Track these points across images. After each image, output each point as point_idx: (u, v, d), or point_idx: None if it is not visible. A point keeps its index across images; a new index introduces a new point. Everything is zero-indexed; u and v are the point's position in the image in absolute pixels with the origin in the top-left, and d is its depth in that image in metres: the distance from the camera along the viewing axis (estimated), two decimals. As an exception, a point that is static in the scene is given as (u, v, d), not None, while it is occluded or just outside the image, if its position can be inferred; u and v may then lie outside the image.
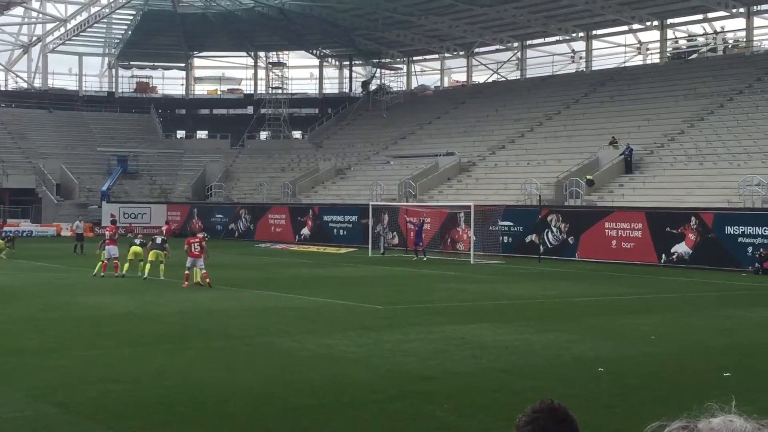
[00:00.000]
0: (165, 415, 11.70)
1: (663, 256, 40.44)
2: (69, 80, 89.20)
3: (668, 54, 67.67)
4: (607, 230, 42.85)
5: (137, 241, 33.64)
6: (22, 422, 11.29)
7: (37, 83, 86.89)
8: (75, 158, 74.77)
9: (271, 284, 30.15)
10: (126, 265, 32.02)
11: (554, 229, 44.97)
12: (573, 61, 73.83)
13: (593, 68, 69.86)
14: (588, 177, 48.06)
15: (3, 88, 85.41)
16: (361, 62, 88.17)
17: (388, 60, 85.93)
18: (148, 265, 31.28)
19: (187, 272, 29.72)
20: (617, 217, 42.82)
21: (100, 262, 32.60)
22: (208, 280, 29.12)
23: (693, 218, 39.78)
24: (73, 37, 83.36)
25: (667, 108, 55.53)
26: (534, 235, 45.36)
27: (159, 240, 32.61)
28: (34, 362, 15.31)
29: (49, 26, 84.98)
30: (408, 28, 74.98)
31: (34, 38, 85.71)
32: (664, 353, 17.05)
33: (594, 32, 70.46)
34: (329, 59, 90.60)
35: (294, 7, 73.23)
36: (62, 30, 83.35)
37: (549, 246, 44.88)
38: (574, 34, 70.80)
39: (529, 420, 2.72)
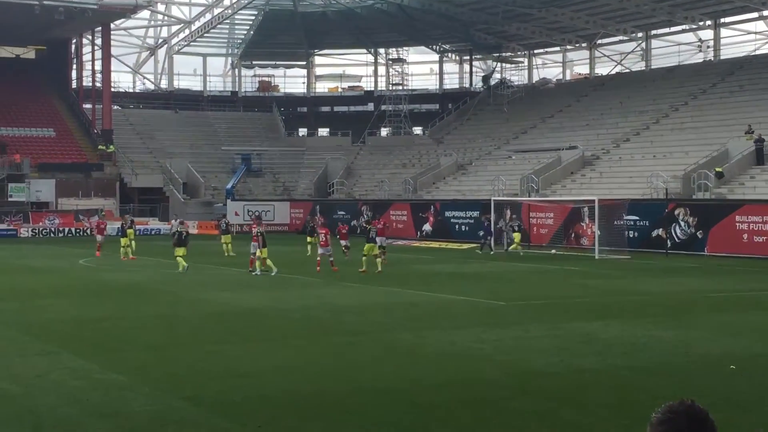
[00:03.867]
0: (289, 409, 11.80)
1: (797, 250, 39.03)
2: (194, 81, 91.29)
3: (801, 40, 65.26)
4: (737, 224, 41.53)
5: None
6: (152, 416, 11.53)
7: (164, 84, 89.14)
8: (200, 157, 76.52)
9: (394, 280, 30.22)
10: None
11: (682, 223, 43.85)
12: (700, 51, 71.84)
13: (722, 57, 67.83)
14: (717, 169, 46.70)
15: (131, 90, 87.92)
16: (481, 56, 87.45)
17: (508, 54, 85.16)
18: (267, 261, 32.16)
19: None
20: (748, 210, 41.46)
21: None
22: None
23: (829, 210, 38.27)
24: (198, 39, 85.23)
25: (800, 96, 53.57)
26: (661, 230, 44.33)
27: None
28: (163, 357, 15.65)
29: (174, 28, 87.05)
30: (528, 20, 74.19)
31: (160, 40, 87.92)
32: (801, 351, 16.40)
33: (722, 20, 68.37)
34: (449, 54, 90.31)
35: (413, 2, 73.30)
36: (187, 32, 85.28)
37: (676, 241, 43.78)
38: (701, 23, 68.81)
39: (663, 419, 2.58)
